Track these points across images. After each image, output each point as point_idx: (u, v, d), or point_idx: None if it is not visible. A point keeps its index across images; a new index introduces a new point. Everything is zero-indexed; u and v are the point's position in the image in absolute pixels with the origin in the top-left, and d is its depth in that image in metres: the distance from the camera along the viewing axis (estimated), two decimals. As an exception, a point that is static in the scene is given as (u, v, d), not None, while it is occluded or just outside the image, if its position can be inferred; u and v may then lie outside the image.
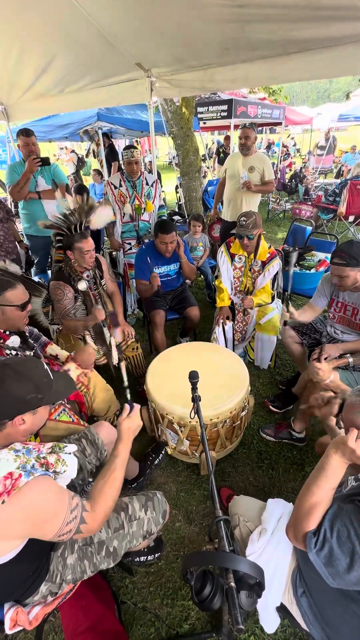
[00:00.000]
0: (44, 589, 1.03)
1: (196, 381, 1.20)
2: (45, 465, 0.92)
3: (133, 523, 1.16)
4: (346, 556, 0.80)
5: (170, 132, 4.55)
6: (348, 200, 5.13)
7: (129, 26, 2.38)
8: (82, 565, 1.07)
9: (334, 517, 0.86)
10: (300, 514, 0.90)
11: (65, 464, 0.97)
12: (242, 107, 6.02)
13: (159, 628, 1.30)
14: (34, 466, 0.89)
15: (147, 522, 1.18)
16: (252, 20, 2.03)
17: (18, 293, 1.46)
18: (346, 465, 0.92)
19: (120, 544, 1.12)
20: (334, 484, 0.91)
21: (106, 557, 1.10)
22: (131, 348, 2.25)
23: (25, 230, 3.26)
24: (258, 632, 1.27)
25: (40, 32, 2.52)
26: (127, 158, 2.79)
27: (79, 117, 5.35)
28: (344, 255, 1.68)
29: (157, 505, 1.22)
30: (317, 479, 0.91)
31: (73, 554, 1.07)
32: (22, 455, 0.88)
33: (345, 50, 2.06)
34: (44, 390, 0.96)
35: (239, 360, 1.98)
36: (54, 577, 1.04)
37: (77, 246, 1.96)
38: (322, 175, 9.67)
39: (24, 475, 0.84)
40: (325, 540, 0.83)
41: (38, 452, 0.94)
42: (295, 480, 1.81)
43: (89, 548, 1.09)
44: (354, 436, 0.89)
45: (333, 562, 0.81)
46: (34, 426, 0.97)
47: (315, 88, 56.57)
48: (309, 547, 0.85)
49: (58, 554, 1.07)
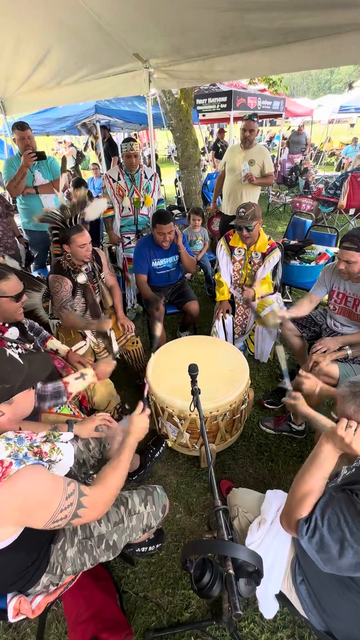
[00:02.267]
0: (45, 579, 1.04)
1: (196, 374, 1.21)
2: (39, 454, 0.92)
3: (133, 517, 1.17)
4: (336, 543, 0.82)
5: (169, 125, 4.50)
6: (349, 193, 5.09)
7: (126, 15, 2.34)
8: (82, 558, 1.08)
9: (325, 505, 0.88)
10: (293, 501, 0.92)
11: (60, 452, 0.97)
12: (242, 98, 5.93)
13: (160, 616, 1.32)
14: (27, 455, 0.88)
15: (147, 516, 1.19)
16: (251, 9, 1.99)
17: (11, 284, 1.47)
18: (338, 454, 0.94)
19: (120, 538, 1.13)
20: (326, 472, 0.93)
21: (106, 551, 1.11)
22: (131, 342, 2.25)
23: (24, 225, 3.24)
24: (257, 619, 1.30)
25: (36, 23, 2.48)
26: (127, 151, 2.77)
27: (76, 110, 5.29)
28: (356, 239, 1.68)
29: (157, 499, 1.23)
30: (310, 468, 0.94)
31: (73, 547, 1.08)
32: (13, 444, 0.88)
33: (346, 39, 2.03)
34: (12, 379, 0.94)
35: (238, 354, 1.99)
36: (54, 569, 1.05)
37: (73, 239, 1.95)
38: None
39: (15, 464, 0.84)
40: (317, 528, 0.85)
41: (31, 441, 0.93)
42: (294, 473, 1.80)
43: (88, 541, 1.10)
44: (343, 425, 0.91)
45: (324, 548, 0.83)
46: (17, 414, 0.97)
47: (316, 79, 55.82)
48: (300, 534, 0.87)
49: (58, 546, 1.07)
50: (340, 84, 43.47)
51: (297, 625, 1.28)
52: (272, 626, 1.28)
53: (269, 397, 2.26)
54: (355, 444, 0.89)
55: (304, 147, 8.49)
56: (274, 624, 1.29)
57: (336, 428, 0.91)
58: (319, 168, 9.44)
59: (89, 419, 1.40)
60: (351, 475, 0.95)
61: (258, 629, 1.28)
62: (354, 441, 0.89)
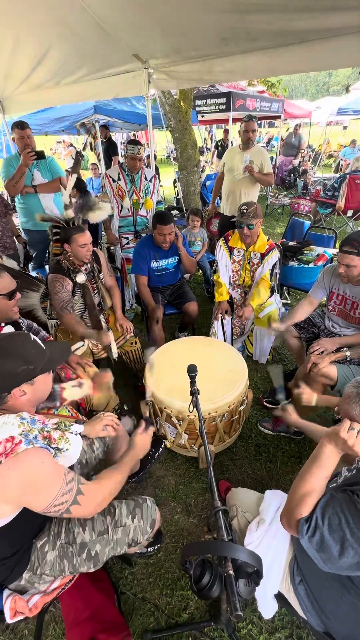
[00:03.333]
0: (27, 576, 1.04)
1: (195, 375, 1.21)
2: (47, 439, 0.95)
3: (118, 529, 1.11)
4: (337, 543, 0.82)
5: (168, 126, 4.50)
6: (347, 195, 5.11)
7: (126, 15, 2.34)
8: (62, 564, 1.05)
9: (326, 505, 0.88)
10: (293, 501, 0.92)
11: (68, 442, 1.00)
12: (241, 100, 5.95)
13: (158, 617, 1.32)
14: (37, 437, 0.91)
15: (134, 530, 1.12)
16: (251, 10, 1.99)
17: (4, 282, 1.47)
18: (339, 455, 0.94)
19: (102, 550, 1.08)
20: (327, 473, 0.93)
21: (87, 561, 1.06)
22: (130, 343, 2.25)
23: (22, 225, 3.23)
24: (256, 620, 1.30)
25: (36, 22, 2.48)
26: (132, 153, 2.76)
27: (75, 110, 5.28)
28: (356, 243, 1.66)
29: (146, 513, 1.16)
30: (311, 468, 0.94)
31: (54, 550, 1.05)
32: (26, 424, 0.92)
33: (345, 41, 2.04)
34: (35, 361, 1.00)
35: (237, 355, 1.99)
36: (34, 568, 1.04)
37: (74, 239, 1.95)
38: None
39: (24, 442, 0.87)
40: (317, 528, 0.85)
41: (43, 425, 0.97)
42: (292, 473, 1.83)
43: (69, 548, 1.06)
44: (346, 427, 0.91)
45: (324, 548, 0.84)
46: (36, 395, 1.02)
47: (314, 81, 56.04)
48: (300, 533, 0.87)
49: (38, 545, 1.05)
50: (338, 86, 43.69)
51: (295, 626, 1.28)
52: (271, 627, 1.28)
53: (269, 397, 2.26)
54: (358, 446, 0.89)
55: (297, 150, 8.25)
56: (272, 624, 1.29)
57: (339, 429, 0.91)
58: (317, 170, 9.48)
59: (96, 418, 1.40)
60: (352, 476, 0.96)
61: (256, 629, 1.27)
62: (356, 443, 0.89)
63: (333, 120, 9.52)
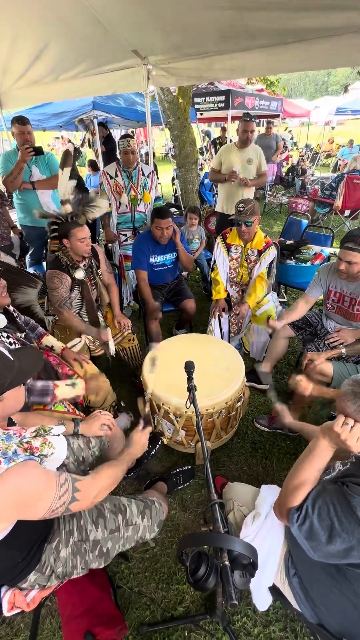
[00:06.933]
0: (32, 578, 1.03)
1: (192, 371, 1.21)
2: (29, 450, 0.91)
3: (129, 528, 1.17)
4: (325, 531, 0.85)
5: (166, 123, 4.49)
6: (344, 194, 5.14)
7: (125, 11, 2.33)
8: (74, 560, 1.07)
9: (317, 495, 0.91)
10: (286, 491, 0.96)
11: (52, 446, 0.96)
12: (240, 98, 5.94)
13: (154, 611, 1.33)
14: (16, 452, 0.87)
15: (142, 529, 1.19)
16: (251, 8, 2.00)
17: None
18: (332, 449, 0.97)
19: (113, 546, 1.14)
20: (320, 465, 0.97)
21: (98, 557, 1.11)
22: (127, 339, 2.25)
23: (20, 221, 3.22)
24: (250, 613, 1.31)
25: (34, 17, 2.46)
26: (124, 147, 2.76)
27: (73, 106, 5.23)
28: (359, 240, 1.67)
29: (155, 514, 1.23)
30: (305, 460, 0.98)
31: (67, 547, 1.08)
32: (1, 442, 0.87)
33: (344, 41, 2.05)
34: (3, 376, 0.94)
35: (234, 352, 2.00)
36: (44, 568, 1.04)
37: (73, 233, 1.94)
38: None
39: (4, 462, 0.83)
40: (307, 516, 0.88)
41: (20, 437, 0.92)
42: (288, 469, 1.79)
43: (83, 544, 1.09)
44: (340, 422, 0.93)
45: (313, 536, 0.87)
46: (6, 411, 0.97)
47: (313, 80, 55.99)
48: (291, 521, 0.91)
49: (52, 546, 1.06)
50: (337, 86, 43.68)
51: (289, 618, 1.30)
52: (265, 620, 1.30)
53: (249, 379, 2.27)
54: (351, 441, 0.92)
55: (274, 151, 7.58)
56: (267, 617, 1.30)
57: (333, 424, 0.94)
58: (315, 169, 9.50)
59: (93, 417, 1.41)
60: (345, 470, 0.98)
61: (251, 622, 1.29)
62: (349, 438, 0.92)
63: (331, 119, 9.55)
